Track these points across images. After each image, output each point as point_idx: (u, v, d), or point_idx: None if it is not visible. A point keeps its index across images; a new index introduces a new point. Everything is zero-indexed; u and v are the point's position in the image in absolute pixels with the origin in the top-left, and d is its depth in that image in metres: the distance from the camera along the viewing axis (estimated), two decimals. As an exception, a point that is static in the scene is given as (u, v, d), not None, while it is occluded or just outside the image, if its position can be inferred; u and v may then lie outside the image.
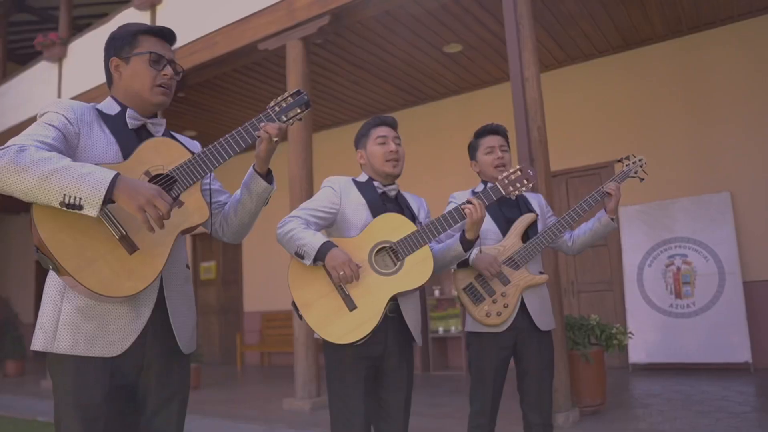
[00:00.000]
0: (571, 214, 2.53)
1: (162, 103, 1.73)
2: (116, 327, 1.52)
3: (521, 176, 2.27)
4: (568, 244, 2.69)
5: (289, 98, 1.77)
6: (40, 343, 1.51)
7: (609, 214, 2.55)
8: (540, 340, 2.52)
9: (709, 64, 6.38)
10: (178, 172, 1.61)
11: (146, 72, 1.68)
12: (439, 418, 4.60)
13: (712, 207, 6.06)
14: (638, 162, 2.65)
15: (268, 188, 1.77)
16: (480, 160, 2.68)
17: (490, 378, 2.47)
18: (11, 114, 9.53)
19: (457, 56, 6.83)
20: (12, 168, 1.36)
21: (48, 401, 6.59)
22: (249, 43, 6.14)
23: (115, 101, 1.73)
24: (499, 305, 2.44)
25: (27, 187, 1.36)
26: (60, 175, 1.37)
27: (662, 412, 4.25)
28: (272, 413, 5.22)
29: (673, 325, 6.04)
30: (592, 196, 2.54)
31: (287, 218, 2.18)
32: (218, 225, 1.86)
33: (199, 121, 8.62)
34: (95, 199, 1.37)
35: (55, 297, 1.53)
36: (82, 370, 1.50)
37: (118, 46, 1.72)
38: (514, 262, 2.48)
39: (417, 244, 2.14)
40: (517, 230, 2.53)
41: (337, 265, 2.00)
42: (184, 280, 1.72)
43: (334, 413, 2.15)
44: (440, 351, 7.46)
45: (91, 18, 10.86)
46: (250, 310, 9.86)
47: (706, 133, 6.33)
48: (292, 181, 5.48)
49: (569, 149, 6.93)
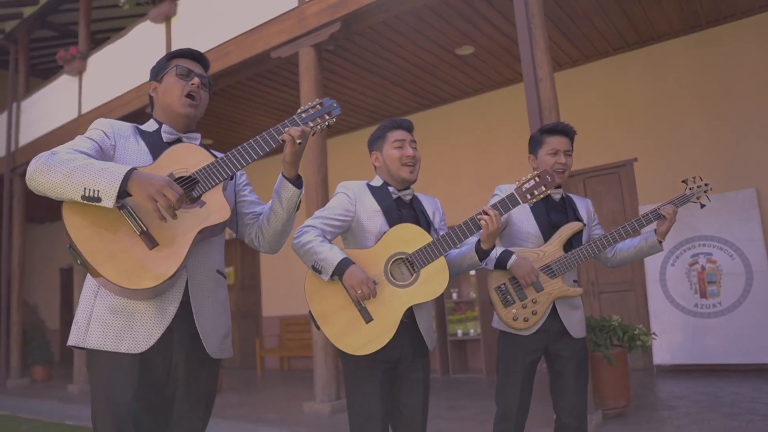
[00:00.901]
0: (620, 231, 2.45)
1: (189, 114, 1.82)
2: (142, 324, 1.60)
3: (539, 182, 2.21)
4: (608, 256, 2.63)
5: (318, 106, 1.81)
6: (74, 338, 1.62)
7: (658, 237, 2.47)
8: (573, 346, 2.47)
9: (729, 59, 6.24)
10: (200, 173, 1.68)
11: (175, 84, 1.82)
12: (458, 421, 4.56)
13: (738, 204, 5.92)
14: (703, 187, 2.52)
15: (297, 192, 1.80)
16: (541, 158, 2.57)
17: (519, 379, 2.42)
18: (36, 126, 9.77)
19: (469, 58, 6.80)
20: (43, 168, 1.52)
21: (75, 405, 6.74)
22: (261, 51, 6.19)
23: (154, 121, 1.87)
24: (528, 311, 2.40)
25: (54, 184, 1.50)
26: (81, 171, 1.50)
27: (689, 415, 4.15)
28: (293, 417, 5.24)
29: (698, 326, 5.91)
30: (646, 217, 2.46)
31: (303, 228, 2.18)
32: (254, 236, 1.90)
33: (215, 130, 8.71)
34: (111, 191, 1.48)
35: (89, 296, 1.63)
36: (112, 368, 1.59)
37: (155, 72, 1.89)
38: (551, 270, 2.42)
39: (433, 255, 2.13)
40: (560, 238, 2.46)
41: (355, 284, 2.02)
42: (214, 284, 1.75)
43: (352, 417, 2.16)
44: (459, 354, 7.41)
45: (109, 32, 11.07)
46: (268, 315, 9.92)
47: (728, 129, 6.20)
48: (308, 188, 5.50)
49: (586, 149, 6.83)
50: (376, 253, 2.16)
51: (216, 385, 1.82)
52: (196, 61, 1.89)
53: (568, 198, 2.63)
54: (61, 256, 13.87)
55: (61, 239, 13.79)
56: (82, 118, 8.65)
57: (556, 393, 2.48)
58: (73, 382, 8.35)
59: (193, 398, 1.70)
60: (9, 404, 7.47)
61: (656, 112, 6.60)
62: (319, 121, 1.79)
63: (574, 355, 2.46)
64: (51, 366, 10.20)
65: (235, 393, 6.94)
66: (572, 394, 2.44)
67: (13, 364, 9.69)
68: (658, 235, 2.47)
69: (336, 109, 1.82)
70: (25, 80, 10.45)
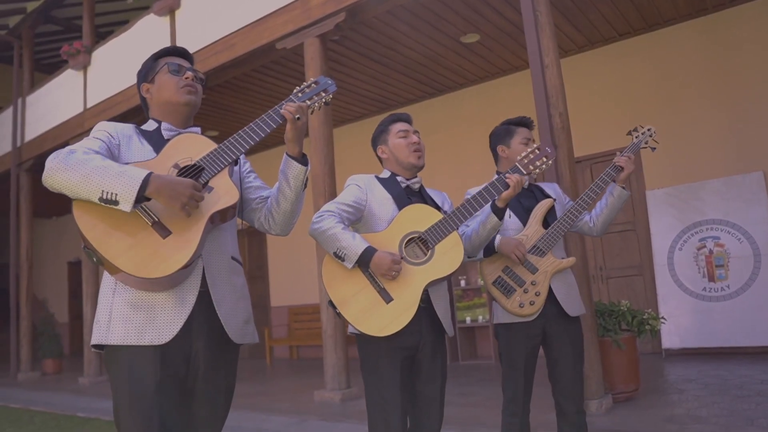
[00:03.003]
0: (588, 194, 2.53)
1: (189, 102, 1.84)
2: (163, 315, 1.61)
3: (539, 154, 2.29)
4: (590, 225, 2.69)
5: (313, 84, 1.83)
6: (97, 336, 1.63)
7: (619, 183, 2.55)
8: (569, 327, 2.52)
9: (736, 43, 6.21)
10: (204, 160, 1.69)
11: (170, 80, 1.82)
12: (469, 407, 4.61)
13: (745, 187, 5.91)
14: (647, 132, 2.64)
15: (303, 170, 1.79)
16: (514, 148, 2.65)
17: (521, 367, 2.47)
18: (41, 122, 9.79)
19: (474, 46, 6.78)
20: (62, 167, 1.53)
21: (86, 398, 6.80)
22: (267, 42, 6.19)
23: (153, 121, 1.87)
24: (531, 294, 2.43)
25: (72, 184, 1.52)
26: (99, 173, 1.52)
27: (699, 398, 4.18)
28: (303, 405, 5.29)
29: (707, 309, 5.92)
30: (607, 173, 2.54)
31: (322, 213, 2.20)
32: (264, 219, 1.90)
33: (221, 122, 8.72)
34: (129, 196, 1.50)
35: (107, 294, 1.64)
36: (134, 361, 1.60)
37: (143, 74, 1.90)
38: (539, 249, 2.47)
39: (445, 231, 2.16)
40: (536, 217, 2.52)
41: (385, 271, 2.05)
42: (229, 270, 1.76)
43: (370, 405, 2.17)
44: (468, 341, 7.45)
45: (113, 26, 11.06)
46: (277, 305, 9.98)
47: (735, 113, 6.17)
48: (315, 177, 5.52)
49: (593, 134, 6.83)
50: (389, 236, 2.18)
51: (235, 372, 1.83)
52: (182, 58, 1.91)
53: (535, 185, 2.73)
54: (69, 250, 13.95)
55: (69, 233, 13.87)
56: (88, 113, 8.66)
57: (554, 379, 2.53)
58: (84, 374, 8.43)
59: (213, 387, 1.71)
60: (21, 397, 7.56)
61: (662, 97, 6.58)
62: (315, 98, 1.81)
63: (570, 339, 2.51)
64: (61, 359, 10.30)
65: (245, 383, 7.01)
66: (569, 380, 2.48)
67: (23, 357, 9.79)
68: (619, 182, 2.55)
69: (331, 86, 1.83)
70: (29, 75, 10.46)
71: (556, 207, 2.61)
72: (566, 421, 2.49)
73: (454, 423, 4.06)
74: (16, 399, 7.44)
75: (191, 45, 6.87)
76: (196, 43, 6.89)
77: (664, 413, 3.86)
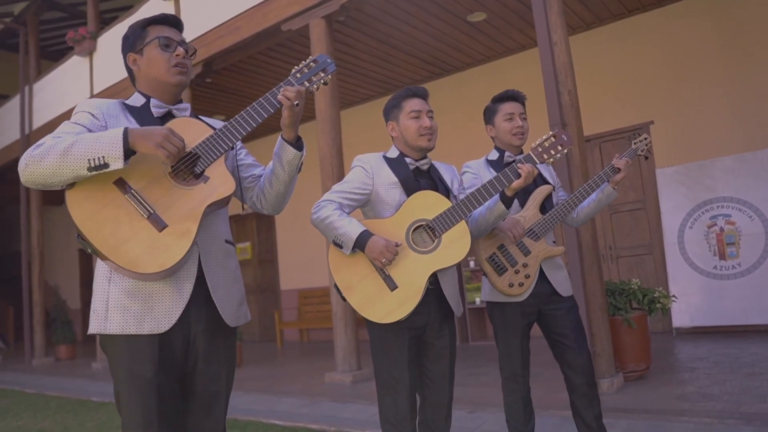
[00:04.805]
0: (585, 188, 2.60)
1: (180, 82, 1.77)
2: (161, 305, 1.59)
3: (555, 142, 2.24)
4: (573, 216, 2.73)
5: (312, 63, 1.77)
6: (95, 326, 1.62)
7: (612, 184, 2.61)
8: (564, 303, 2.55)
9: (746, 18, 6.08)
10: (200, 148, 1.65)
11: (160, 56, 1.74)
12: (481, 387, 4.64)
13: (757, 164, 5.83)
14: (644, 141, 2.75)
15: (298, 155, 1.76)
16: (498, 126, 2.64)
17: (518, 345, 2.50)
18: (49, 109, 9.81)
19: (481, 25, 6.69)
20: (32, 160, 1.50)
21: (100, 383, 6.88)
22: (272, 24, 6.13)
23: (140, 94, 1.79)
24: (521, 276, 2.46)
25: (51, 169, 1.48)
26: (76, 147, 1.49)
27: (710, 375, 4.17)
28: (314, 387, 5.33)
29: (717, 288, 5.89)
30: (605, 172, 2.62)
31: (321, 202, 2.19)
32: (255, 198, 1.88)
33: (228, 105, 8.69)
34: (116, 152, 1.48)
35: (103, 282, 1.62)
36: (133, 348, 1.58)
37: (131, 42, 1.80)
38: (534, 233, 2.50)
39: (453, 220, 2.15)
40: (535, 201, 2.53)
41: (376, 255, 2.04)
42: (224, 254, 1.75)
43: (380, 384, 2.19)
44: (478, 321, 7.47)
45: (118, 11, 11.00)
46: (286, 288, 10.03)
47: (745, 89, 6.07)
48: (323, 159, 5.50)
49: (601, 112, 6.75)
50: (396, 222, 2.17)
51: (235, 354, 1.83)
52: (173, 27, 1.81)
53: None
54: (80, 237, 14.04)
55: (79, 220, 13.94)
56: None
57: (560, 357, 2.54)
58: (97, 360, 8.54)
59: (214, 369, 1.71)
60: (36, 383, 7.68)
61: (672, 74, 6.48)
62: (314, 79, 1.76)
63: (567, 312, 2.53)
64: (74, 345, 10.43)
65: (256, 366, 7.06)
66: (576, 355, 2.49)
67: (37, 343, 9.94)
68: (612, 183, 2.61)
69: (330, 65, 1.78)
70: (36, 63, 10.46)
71: (553, 193, 2.64)
72: (577, 393, 2.50)
73: (464, 403, 4.09)
74: (31, 384, 7.56)
75: (196, 29, 6.83)
76: (201, 26, 6.84)
77: (675, 391, 3.87)
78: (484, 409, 3.94)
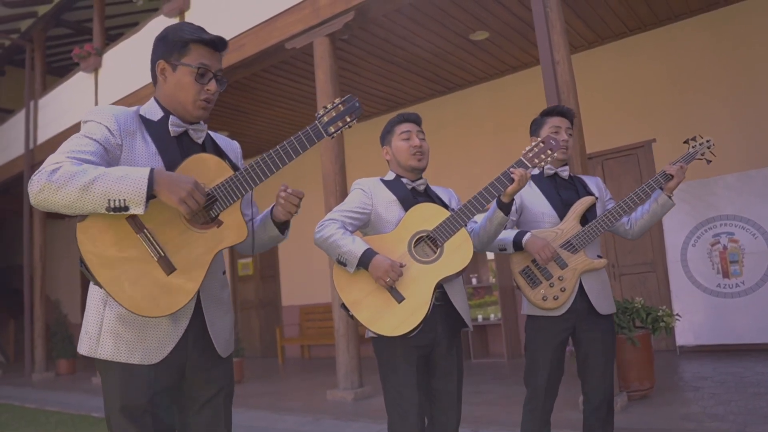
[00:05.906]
0: (632, 197, 2.47)
1: (201, 116, 1.74)
2: (154, 336, 1.57)
3: (544, 147, 2.24)
4: (626, 228, 2.63)
5: (340, 106, 1.74)
6: (86, 348, 1.60)
7: (666, 192, 2.47)
8: (600, 323, 2.48)
9: (748, 36, 6.14)
10: (219, 191, 1.62)
11: (191, 86, 1.67)
12: (482, 406, 4.60)
13: (759, 182, 5.84)
14: (705, 143, 2.55)
15: (280, 237, 1.82)
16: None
17: (545, 362, 2.43)
18: (53, 124, 9.88)
19: (484, 43, 6.75)
20: (49, 187, 1.42)
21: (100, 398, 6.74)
22: (276, 42, 6.20)
23: (158, 104, 1.74)
24: (556, 289, 2.40)
25: (69, 201, 1.43)
26: (99, 183, 1.43)
27: (714, 395, 4.14)
28: (316, 404, 5.30)
29: (721, 306, 5.86)
30: (655, 179, 2.47)
31: (324, 222, 2.21)
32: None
33: (232, 122, 8.75)
34: (139, 198, 1.44)
35: (98, 304, 1.59)
36: (126, 375, 1.57)
37: (168, 49, 1.70)
38: (572, 245, 2.44)
39: (453, 228, 2.15)
40: (575, 213, 2.48)
41: (381, 274, 2.05)
42: (220, 286, 1.75)
43: (389, 404, 2.18)
44: (480, 339, 7.43)
45: (123, 28, 11.13)
46: (288, 304, 10.01)
47: (748, 107, 6.10)
48: (326, 177, 5.52)
49: (604, 131, 6.78)
50: (397, 236, 2.18)
51: (232, 373, 1.82)
52: (215, 50, 1.72)
53: (576, 176, 2.66)
54: (82, 252, 14.02)
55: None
56: (99, 115, 8.71)
57: (584, 375, 2.49)
58: (97, 375, 8.48)
59: (212, 390, 1.70)
60: (36, 397, 7.64)
61: (674, 92, 6.52)
62: (340, 124, 1.72)
63: (601, 335, 2.46)
64: (75, 360, 10.38)
65: (257, 382, 7.02)
66: (600, 377, 2.45)
67: (37, 358, 9.89)
68: (666, 190, 2.47)
69: (357, 110, 1.74)
70: (41, 78, 10.55)
71: (597, 205, 2.56)
72: (595, 416, 2.46)
73: (467, 421, 4.05)
74: (31, 399, 7.51)
75: (201, 46, 6.88)
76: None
77: (680, 411, 3.83)
78: (487, 428, 3.90)
